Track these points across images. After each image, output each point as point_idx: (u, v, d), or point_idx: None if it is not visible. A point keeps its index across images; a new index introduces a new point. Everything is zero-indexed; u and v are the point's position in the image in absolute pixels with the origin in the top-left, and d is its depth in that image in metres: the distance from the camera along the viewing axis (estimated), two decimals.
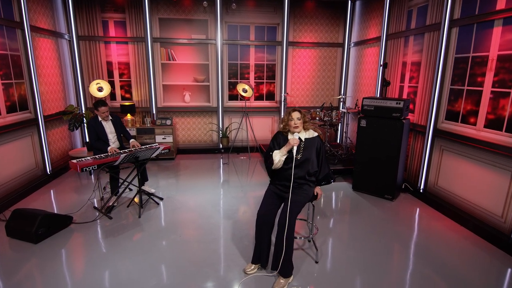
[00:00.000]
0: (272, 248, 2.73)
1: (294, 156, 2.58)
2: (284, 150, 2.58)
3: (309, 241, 3.21)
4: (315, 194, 2.74)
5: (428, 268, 2.81)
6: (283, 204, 2.64)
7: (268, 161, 2.66)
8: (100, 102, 3.97)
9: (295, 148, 2.57)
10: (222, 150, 6.68)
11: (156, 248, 3.07)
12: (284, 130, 2.72)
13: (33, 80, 4.49)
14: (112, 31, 5.87)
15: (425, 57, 4.27)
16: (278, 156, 2.58)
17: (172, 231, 3.41)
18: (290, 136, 2.66)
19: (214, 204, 4.14)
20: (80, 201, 4.08)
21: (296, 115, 2.65)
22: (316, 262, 2.84)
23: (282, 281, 2.48)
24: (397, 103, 4.00)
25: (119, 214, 3.79)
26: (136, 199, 4.06)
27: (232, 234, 3.33)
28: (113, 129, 4.12)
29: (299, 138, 2.63)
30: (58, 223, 3.33)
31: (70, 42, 5.68)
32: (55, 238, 3.21)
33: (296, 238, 3.12)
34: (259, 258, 2.66)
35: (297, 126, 2.63)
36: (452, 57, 3.87)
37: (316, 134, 2.73)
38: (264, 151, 6.02)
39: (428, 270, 2.77)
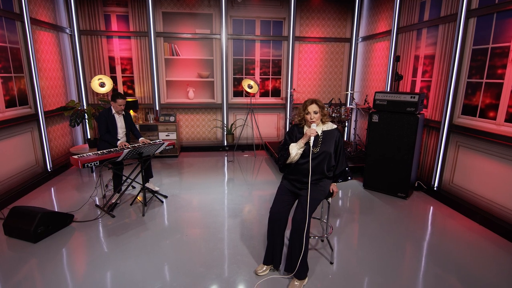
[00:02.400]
0: (285, 248, 2.58)
1: (311, 149, 2.39)
2: (302, 142, 2.38)
3: (322, 240, 3.06)
4: (331, 191, 2.58)
5: (447, 269, 2.65)
6: (297, 201, 2.48)
7: (283, 155, 2.45)
8: (118, 94, 3.91)
9: (312, 139, 2.36)
10: (227, 148, 6.53)
11: (160, 248, 2.93)
12: (300, 124, 2.54)
13: (33, 74, 4.35)
14: (114, 26, 5.73)
15: (439, 50, 4.11)
16: (295, 149, 2.39)
17: (177, 230, 3.27)
18: (306, 129, 2.49)
19: (220, 202, 3.99)
20: (82, 199, 3.95)
21: (313, 108, 2.42)
22: (331, 263, 2.69)
23: (296, 283, 2.33)
24: (411, 97, 3.84)
25: (122, 212, 3.65)
26: (140, 197, 3.93)
27: (241, 234, 3.18)
28: (123, 124, 4.03)
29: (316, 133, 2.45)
30: (58, 222, 3.19)
31: (72, 36, 5.54)
32: (55, 237, 3.07)
33: (310, 237, 2.95)
34: (272, 258, 2.50)
35: (313, 121, 2.43)
36: (469, 49, 3.70)
37: (335, 126, 2.55)
38: (270, 149, 5.88)
39: (447, 271, 2.61)
